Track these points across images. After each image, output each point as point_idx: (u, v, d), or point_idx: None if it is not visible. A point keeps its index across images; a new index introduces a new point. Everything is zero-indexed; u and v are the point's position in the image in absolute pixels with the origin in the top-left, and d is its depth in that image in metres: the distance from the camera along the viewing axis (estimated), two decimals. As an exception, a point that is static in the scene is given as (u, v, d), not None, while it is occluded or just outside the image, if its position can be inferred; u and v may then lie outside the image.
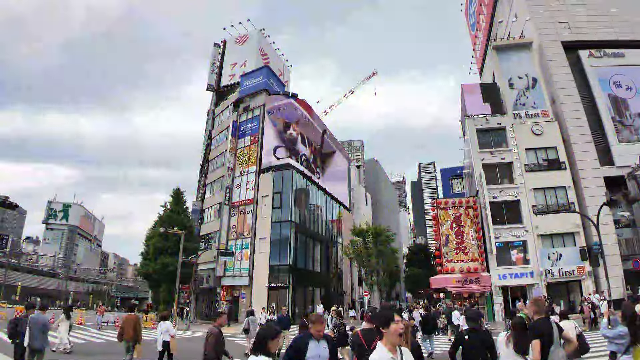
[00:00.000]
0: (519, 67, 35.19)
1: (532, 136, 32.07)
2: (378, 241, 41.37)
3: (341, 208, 52.85)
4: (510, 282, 28.94)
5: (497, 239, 29.60)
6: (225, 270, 37.21)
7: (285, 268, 34.40)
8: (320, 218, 44.53)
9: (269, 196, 37.50)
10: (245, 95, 43.20)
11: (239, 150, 41.71)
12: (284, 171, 37.96)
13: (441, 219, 31.91)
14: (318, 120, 49.98)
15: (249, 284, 35.22)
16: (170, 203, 37.26)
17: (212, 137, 49.72)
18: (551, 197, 30.47)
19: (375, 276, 41.11)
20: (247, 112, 42.69)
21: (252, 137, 40.99)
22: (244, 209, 38.68)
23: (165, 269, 33.32)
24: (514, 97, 34.24)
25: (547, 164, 31.22)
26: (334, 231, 49.14)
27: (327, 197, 47.34)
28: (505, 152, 32.09)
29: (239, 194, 39.72)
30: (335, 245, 48.13)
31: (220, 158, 45.42)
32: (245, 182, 39.72)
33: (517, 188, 30.88)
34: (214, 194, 44.73)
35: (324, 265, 43.59)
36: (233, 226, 38.85)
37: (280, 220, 36.16)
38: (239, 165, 41.00)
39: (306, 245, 39.51)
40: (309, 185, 41.94)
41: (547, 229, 29.38)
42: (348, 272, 51.08)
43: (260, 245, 36.03)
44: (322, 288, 42.04)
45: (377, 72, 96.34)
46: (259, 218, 37.28)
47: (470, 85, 36.41)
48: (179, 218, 35.74)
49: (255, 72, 44.14)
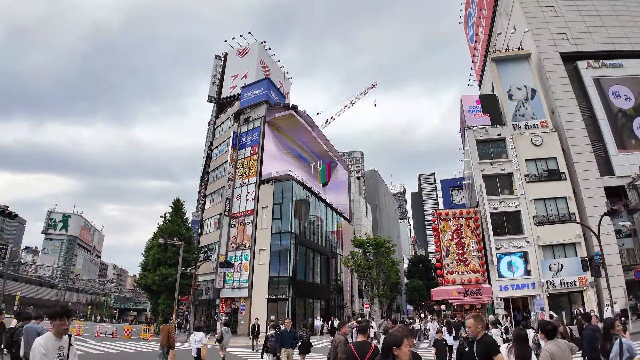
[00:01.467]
0: (518, 78, 35.40)
1: (532, 147, 32.11)
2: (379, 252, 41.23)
3: (341, 219, 52.76)
4: (512, 294, 28.70)
5: (498, 250, 29.44)
6: (224, 281, 36.98)
7: (285, 280, 34.17)
8: (320, 229, 44.41)
9: (269, 207, 37.46)
10: (246, 107, 43.48)
11: (239, 161, 41.81)
12: (284, 182, 37.97)
13: (442, 230, 31.79)
14: (318, 131, 50.19)
15: (248, 295, 34.95)
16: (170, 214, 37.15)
17: (213, 148, 49.90)
18: (552, 208, 30.38)
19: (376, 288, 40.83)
20: (248, 123, 42.91)
21: (252, 148, 41.13)
22: (244, 219, 38.61)
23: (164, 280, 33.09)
24: (513, 108, 34.37)
25: (547, 174, 31.22)
26: (335, 242, 48.96)
27: (327, 208, 47.29)
28: (506, 162, 32.11)
29: (239, 205, 39.69)
30: (336, 256, 47.93)
31: (220, 169, 45.50)
32: (245, 193, 39.72)
33: (517, 199, 30.82)
34: (214, 204, 44.71)
35: (324, 277, 43.34)
36: (233, 237, 38.73)
37: (280, 231, 36.05)
38: (239, 176, 41.04)
39: (306, 256, 39.32)
40: (309, 196, 41.92)
41: (548, 240, 29.25)
42: (348, 284, 50.75)
43: (260, 257, 35.87)
44: (322, 300, 41.71)
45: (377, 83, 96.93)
46: (258, 229, 37.20)
47: (470, 97, 36.59)
48: (178, 229, 35.60)
49: (256, 84, 44.49)
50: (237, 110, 44.64)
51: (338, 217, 51.44)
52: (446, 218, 32.13)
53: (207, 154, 51.88)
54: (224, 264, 34.97)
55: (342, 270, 48.86)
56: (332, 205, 49.39)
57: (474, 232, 31.25)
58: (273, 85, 45.40)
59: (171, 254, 33.80)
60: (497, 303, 28.53)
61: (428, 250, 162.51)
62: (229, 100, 49.92)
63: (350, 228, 56.93)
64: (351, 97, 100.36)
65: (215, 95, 52.78)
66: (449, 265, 30.69)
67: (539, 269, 28.69)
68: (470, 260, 30.59)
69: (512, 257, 29.79)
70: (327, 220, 46.90)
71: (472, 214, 31.89)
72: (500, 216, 30.80)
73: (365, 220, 70.87)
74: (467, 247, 30.96)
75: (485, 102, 35.52)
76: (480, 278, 29.83)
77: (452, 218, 32.06)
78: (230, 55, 53.94)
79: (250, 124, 42.77)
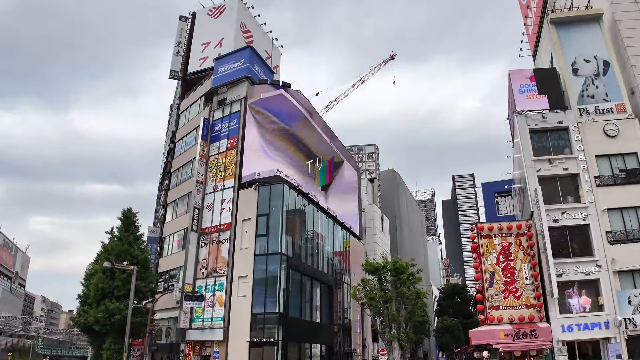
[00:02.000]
0: (586, 46, 35.42)
1: (605, 138, 32.10)
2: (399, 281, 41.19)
3: (349, 236, 52.72)
4: (578, 335, 28.63)
5: (559, 277, 29.39)
6: (191, 320, 36.91)
7: (274, 317, 34.16)
8: (320, 250, 44.43)
9: (251, 220, 37.46)
10: (221, 85, 43.55)
11: (212, 157, 41.83)
12: (271, 186, 38.01)
13: (484, 251, 31.76)
14: (318, 118, 50.22)
15: (223, 338, 34.91)
16: (118, 229, 37.13)
17: (177, 141, 49.95)
18: (632, 220, 30.31)
19: (396, 328, 40.76)
20: (224, 108, 43.00)
21: (229, 140, 41.19)
22: (218, 237, 38.58)
23: (110, 318, 32.99)
24: (579, 87, 34.40)
25: (626, 175, 31.19)
26: (340, 267, 48.93)
27: (330, 221, 47.32)
28: (569, 160, 32.12)
29: (211, 217, 39.67)
30: (341, 286, 47.83)
31: (186, 168, 45.54)
32: (219, 200, 39.71)
33: (585, 208, 30.80)
34: (178, 216, 44.67)
35: (325, 313, 43.27)
36: (203, 260, 38.67)
37: (267, 252, 36.02)
38: (212, 178, 41.04)
39: (302, 286, 39.29)
40: (305, 205, 41.98)
41: (626, 264, 29.17)
42: (358, 322, 50.67)
43: (239, 287, 35.82)
44: (322, 345, 41.63)
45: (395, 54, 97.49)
46: (237, 249, 37.17)
47: (521, 72, 36.57)
48: (129, 249, 35.54)
49: (234, 55, 44.63)
50: (208, 89, 44.71)
51: (344, 233, 51.40)
52: (490, 234, 32.08)
53: (169, 149, 51.92)
54: (191, 296, 34.87)
55: (349, 305, 48.71)
56: (337, 217, 49.37)
57: (527, 254, 31.21)
58: (257, 57, 45.51)
59: (120, 282, 33.75)
60: (559, 349, 28.46)
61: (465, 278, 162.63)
62: (198, 77, 50.01)
63: (361, 248, 56.89)
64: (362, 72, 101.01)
65: (180, 69, 52.89)
66: (494, 297, 30.62)
67: (615, 303, 28.60)
68: (522, 291, 30.53)
69: (578, 287, 29.71)
70: (329, 238, 46.91)
71: (525, 229, 31.85)
72: (563, 232, 30.71)
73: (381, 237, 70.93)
74: (518, 274, 30.89)
75: (541, 79, 35.49)
76: (536, 315, 29.78)
77: (497, 234, 31.99)
78: (199, 16, 54.08)
79: (226, 109, 42.81)
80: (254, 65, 43.69)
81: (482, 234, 32.25)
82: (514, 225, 32.51)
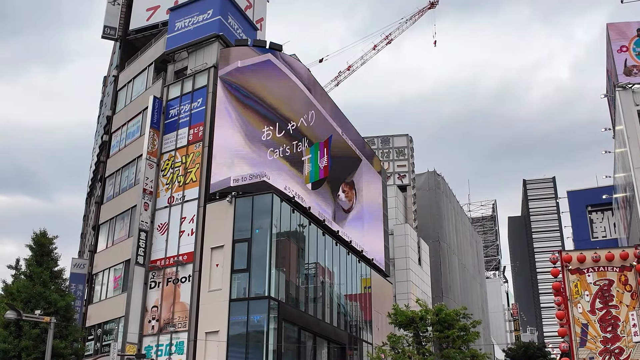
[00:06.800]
0: None
1: None
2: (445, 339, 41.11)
3: (370, 271, 52.69)
4: None
5: (685, 332, 29.28)
6: (137, 397, 36.92)
7: (259, 394, 34.19)
8: (327, 291, 44.60)
9: (225, 247, 37.52)
10: (179, 48, 43.79)
11: (166, 155, 42.04)
12: (255, 197, 38.09)
13: (572, 292, 31.61)
14: (322, 95, 50.16)
15: None
16: (27, 261, 37.21)
17: (113, 132, 49.98)
18: None
19: (440, 409, 40.67)
20: (184, 81, 43.18)
21: (192, 129, 41.36)
22: (175, 273, 38.67)
23: (16, 397, 33.11)
24: None
25: None
26: (356, 317, 48.89)
27: (341, 249, 47.34)
28: (699, 156, 32.07)
29: (165, 244, 39.78)
30: (359, 345, 47.74)
31: (127, 171, 45.63)
32: (178, 219, 39.85)
33: None
34: (115, 242, 44.72)
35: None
36: (153, 308, 38.75)
37: (248, 295, 36.14)
38: (167, 186, 41.19)
39: (300, 345, 39.32)
40: (305, 225, 42.00)
41: None
42: (384, 400, 50.53)
43: (207, 348, 35.81)
44: None
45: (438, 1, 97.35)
46: (204, 292, 37.23)
47: (625, 26, 36.54)
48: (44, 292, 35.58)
49: (198, 3, 44.63)
50: (160, 54, 45.03)
51: (363, 266, 51.38)
52: (581, 268, 31.90)
53: (102, 142, 51.96)
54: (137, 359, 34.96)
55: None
56: (352, 243, 49.32)
57: (637, 296, 31.06)
58: (233, 6, 45.54)
59: (31, 342, 33.80)
60: None
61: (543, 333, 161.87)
62: (144, 36, 50.33)
63: (388, 288, 56.79)
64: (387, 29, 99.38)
65: (118, 25, 53.04)
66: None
67: None
68: (630, 353, 30.39)
69: None
70: (340, 274, 46.93)
71: (634, 260, 31.69)
72: (690, 264, 30.64)
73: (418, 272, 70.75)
74: (624, 327, 30.73)
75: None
76: (651, 388, 29.64)
77: (592, 268, 31.82)
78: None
79: (187, 83, 42.96)
80: (227, 19, 43.70)
81: (569, 267, 32.05)
82: (616, 255, 32.30)
